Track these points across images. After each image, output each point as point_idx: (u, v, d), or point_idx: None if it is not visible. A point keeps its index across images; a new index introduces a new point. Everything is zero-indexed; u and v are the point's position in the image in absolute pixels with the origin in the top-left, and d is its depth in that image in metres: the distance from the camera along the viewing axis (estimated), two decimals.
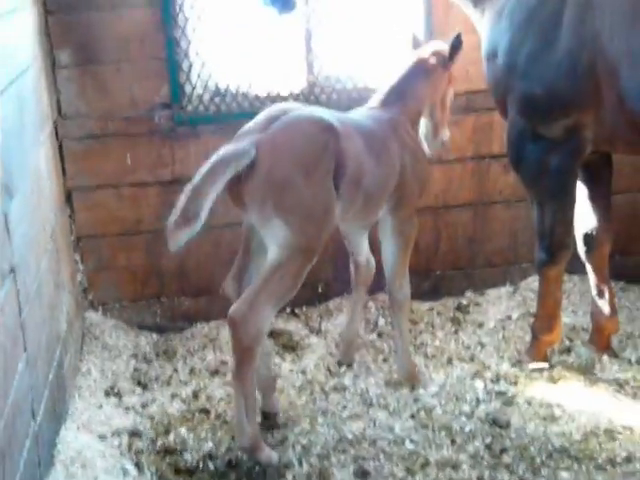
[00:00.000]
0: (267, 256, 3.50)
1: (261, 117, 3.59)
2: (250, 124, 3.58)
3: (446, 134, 4.38)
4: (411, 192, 4.02)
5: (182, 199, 3.30)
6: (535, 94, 3.82)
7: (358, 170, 3.63)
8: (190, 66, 4.64)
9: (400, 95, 4.08)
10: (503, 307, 5.05)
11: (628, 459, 3.60)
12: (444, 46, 4.17)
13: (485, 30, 4.04)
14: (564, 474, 3.54)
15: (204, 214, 3.28)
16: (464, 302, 5.12)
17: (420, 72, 4.14)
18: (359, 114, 4.01)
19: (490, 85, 4.09)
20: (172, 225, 3.27)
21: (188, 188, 3.31)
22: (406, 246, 4.13)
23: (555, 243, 4.11)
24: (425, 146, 4.34)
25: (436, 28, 4.70)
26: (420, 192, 4.10)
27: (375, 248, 4.32)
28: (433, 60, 4.16)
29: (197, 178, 3.32)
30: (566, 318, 4.86)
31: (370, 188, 3.73)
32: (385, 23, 4.81)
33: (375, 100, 4.12)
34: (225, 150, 3.38)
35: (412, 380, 4.27)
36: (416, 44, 4.25)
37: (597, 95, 3.72)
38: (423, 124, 4.34)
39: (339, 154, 3.51)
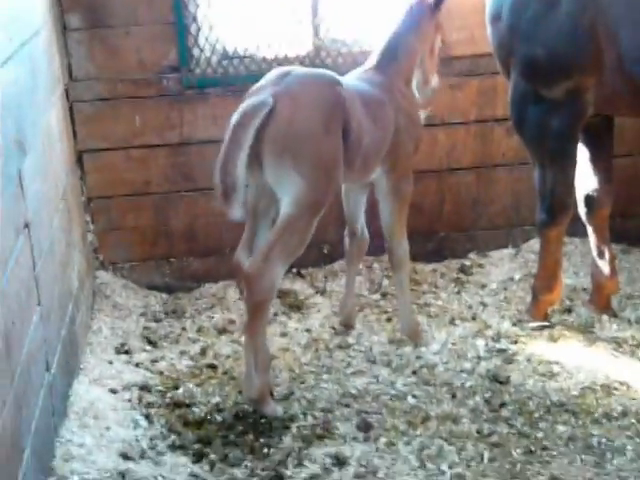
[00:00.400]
0: (280, 211, 3.58)
1: (269, 76, 3.64)
2: (259, 84, 3.63)
3: (435, 81, 4.40)
4: (406, 152, 4.08)
5: (215, 172, 3.42)
6: (537, 56, 3.88)
7: (359, 130, 3.70)
8: (198, 29, 4.69)
9: (392, 55, 4.10)
10: (505, 268, 5.14)
11: (624, 413, 3.70)
12: None
13: None
14: (561, 427, 3.64)
15: (240, 177, 3.39)
16: (467, 263, 5.21)
17: (409, 26, 4.15)
18: (355, 77, 4.05)
19: (494, 48, 4.15)
20: (219, 201, 3.41)
21: (218, 158, 3.42)
22: (403, 205, 4.20)
23: (556, 204, 4.19)
24: (416, 94, 4.38)
25: None
26: (415, 151, 4.17)
27: (376, 212, 4.38)
28: (420, 9, 4.18)
29: (224, 144, 3.43)
30: (567, 279, 4.95)
31: (368, 149, 3.80)
32: None
33: (369, 62, 4.15)
34: (243, 106, 3.45)
35: (414, 337, 4.36)
36: None
37: (598, 57, 3.78)
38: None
39: (346, 113, 3.59)
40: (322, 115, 3.50)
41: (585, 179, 4.35)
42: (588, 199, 4.38)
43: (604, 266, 4.47)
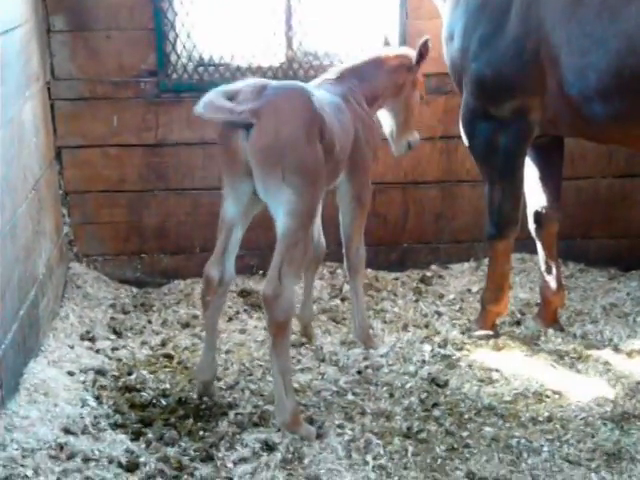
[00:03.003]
0: (277, 228, 3.62)
1: (246, 89, 3.65)
2: (235, 89, 3.68)
3: (415, 137, 4.59)
4: (365, 160, 4.28)
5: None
6: (485, 76, 4.08)
7: (332, 137, 3.81)
8: (176, 37, 4.95)
9: (356, 75, 4.31)
10: (465, 281, 5.33)
11: (549, 419, 3.86)
12: (412, 52, 4.43)
13: (445, 15, 4.30)
14: (487, 429, 3.79)
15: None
16: (428, 274, 5.39)
17: (382, 65, 4.39)
18: (318, 86, 4.21)
19: (448, 66, 4.35)
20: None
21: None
22: (362, 212, 4.39)
23: (503, 218, 4.37)
24: (391, 147, 4.63)
25: (411, 13, 4.97)
26: (373, 159, 4.36)
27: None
28: (399, 61, 4.42)
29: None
30: (523, 294, 5.15)
31: (338, 154, 3.92)
32: (364, 4, 5.08)
33: (331, 73, 4.35)
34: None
35: (366, 341, 4.54)
36: (387, 45, 4.53)
37: (541, 80, 3.97)
38: (388, 124, 4.60)
39: (322, 121, 3.69)
40: (304, 126, 3.57)
41: (535, 197, 4.54)
42: (537, 216, 4.56)
43: (551, 281, 4.64)
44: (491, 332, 4.59)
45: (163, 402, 3.95)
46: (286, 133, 3.52)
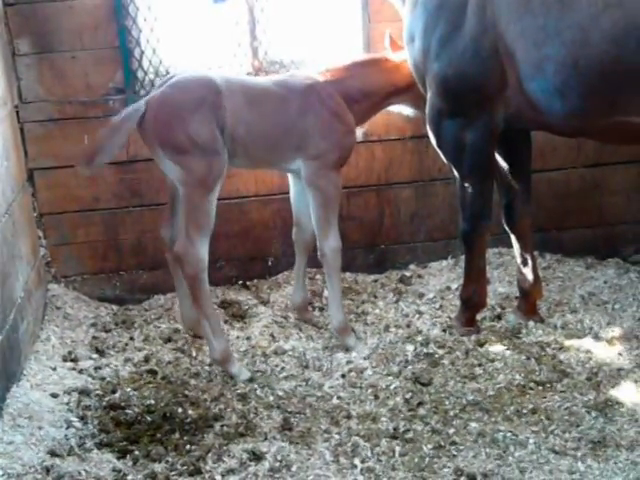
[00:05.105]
0: None
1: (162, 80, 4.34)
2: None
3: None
4: (320, 150, 4.36)
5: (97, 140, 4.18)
6: (447, 75, 4.10)
7: (234, 121, 4.15)
8: (142, 53, 4.96)
9: (340, 73, 4.48)
10: (444, 279, 5.34)
11: (534, 411, 3.90)
12: None
13: (405, 16, 4.33)
14: (473, 424, 3.83)
15: (104, 155, 4.15)
16: (407, 274, 5.41)
17: (376, 66, 4.56)
18: (264, 78, 4.63)
19: (411, 67, 4.38)
20: (81, 159, 4.18)
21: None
22: (325, 202, 4.43)
23: (476, 214, 4.40)
24: None
25: (373, 16, 5.00)
26: (339, 155, 4.43)
27: None
28: (401, 62, 4.51)
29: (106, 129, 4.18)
30: (502, 288, 5.17)
31: (246, 137, 4.22)
32: (326, 10, 5.10)
33: (312, 70, 4.55)
34: (125, 109, 4.26)
35: (342, 332, 4.58)
36: (391, 43, 4.57)
37: (502, 76, 4.00)
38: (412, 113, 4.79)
39: (219, 107, 4.10)
40: (181, 111, 4.07)
41: (505, 191, 4.57)
42: (509, 210, 4.59)
43: (528, 273, 4.67)
44: (472, 328, 4.62)
45: (148, 418, 3.95)
46: (163, 117, 4.06)
